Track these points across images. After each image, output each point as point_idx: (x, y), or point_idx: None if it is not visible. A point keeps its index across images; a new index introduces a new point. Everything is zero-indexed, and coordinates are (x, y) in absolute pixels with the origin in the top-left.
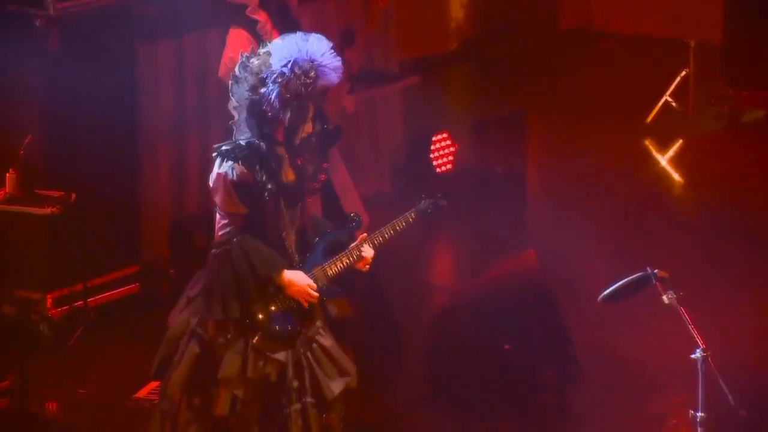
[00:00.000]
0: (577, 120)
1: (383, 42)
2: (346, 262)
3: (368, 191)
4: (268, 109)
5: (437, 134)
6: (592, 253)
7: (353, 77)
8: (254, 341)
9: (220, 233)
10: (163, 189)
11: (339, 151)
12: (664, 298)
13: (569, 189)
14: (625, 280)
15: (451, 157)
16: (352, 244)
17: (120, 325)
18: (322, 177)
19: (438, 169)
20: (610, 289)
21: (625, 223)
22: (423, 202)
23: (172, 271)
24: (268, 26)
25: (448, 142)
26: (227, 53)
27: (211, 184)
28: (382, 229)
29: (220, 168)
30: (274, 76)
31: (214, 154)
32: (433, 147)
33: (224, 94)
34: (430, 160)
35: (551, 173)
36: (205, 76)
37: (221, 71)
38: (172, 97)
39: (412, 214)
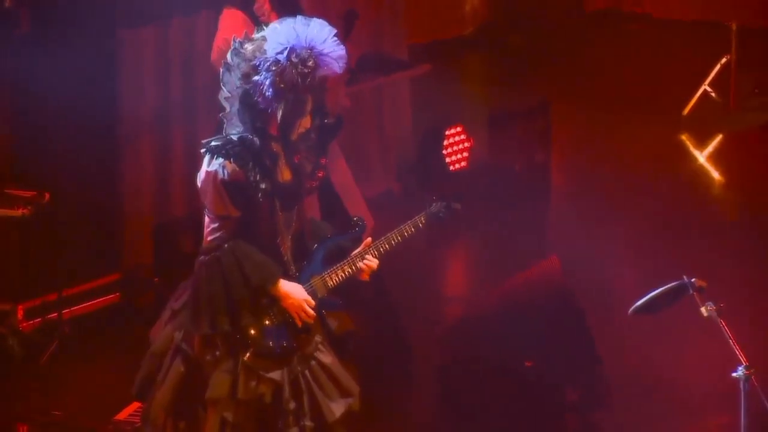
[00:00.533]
0: (605, 112)
1: (390, 26)
2: (348, 272)
3: (373, 191)
4: (261, 100)
5: (450, 128)
6: (622, 260)
7: (350, 68)
8: (245, 358)
9: (209, 238)
10: (147, 188)
11: (340, 147)
12: (703, 309)
13: (597, 189)
14: (659, 290)
15: (465, 154)
16: (355, 252)
17: (98, 339)
18: (320, 174)
19: (451, 167)
20: (643, 300)
21: (659, 227)
22: (434, 204)
23: (156, 279)
24: (266, 7)
25: (463, 136)
26: (220, 36)
27: (199, 183)
28: (389, 234)
29: (210, 166)
30: (268, 63)
31: (203, 151)
32: (445, 142)
33: (215, 83)
34: (443, 157)
35: (577, 171)
36: (193, 63)
37: (213, 55)
38: (157, 87)
39: (422, 218)
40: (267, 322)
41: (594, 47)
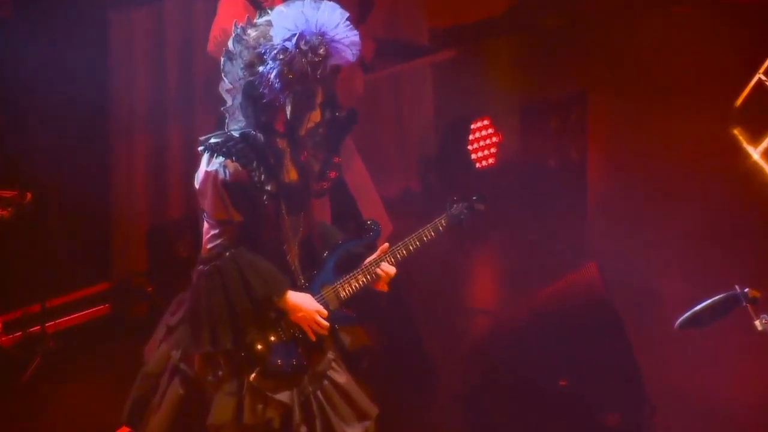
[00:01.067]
0: (648, 104)
1: (409, 7)
2: (363, 282)
3: (390, 192)
4: (267, 92)
5: (476, 121)
6: (667, 267)
7: (367, 54)
8: (251, 379)
9: (208, 246)
10: (140, 187)
11: (354, 143)
12: (757, 323)
13: (639, 189)
14: (708, 301)
15: (493, 150)
16: (370, 259)
17: (86, 355)
18: (332, 175)
19: (477, 165)
20: (690, 312)
21: (709, 231)
22: (455, 206)
23: (149, 289)
24: None
25: (490, 131)
26: (218, 23)
27: (197, 185)
28: (407, 239)
29: (209, 165)
30: (275, 52)
31: (201, 149)
32: (471, 137)
33: (215, 72)
34: (468, 153)
35: (617, 170)
36: (192, 49)
37: (210, 46)
38: (151, 76)
39: (443, 221)
40: (274, 338)
41: (637, 32)
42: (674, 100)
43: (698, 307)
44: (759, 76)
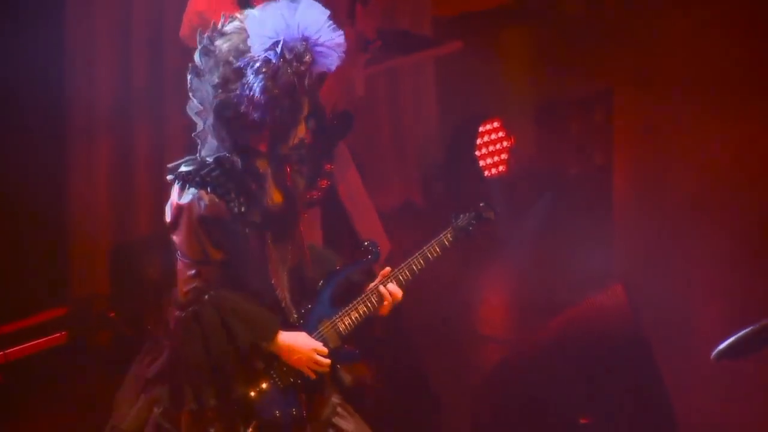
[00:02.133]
0: (682, 102)
1: None
2: (363, 311)
3: (390, 204)
4: (250, 111)
5: (485, 123)
6: (703, 290)
7: (367, 46)
8: None
9: (184, 289)
10: (101, 200)
11: (349, 150)
12: None
13: (671, 199)
14: (748, 329)
15: (504, 156)
16: (371, 286)
17: (41, 389)
18: (323, 184)
19: (487, 172)
20: (728, 341)
21: (749, 249)
22: (461, 216)
23: (112, 314)
24: None
25: (501, 134)
26: (192, 7)
27: (168, 218)
28: (410, 260)
29: (181, 198)
30: (257, 65)
31: (171, 177)
32: (479, 141)
33: (186, 62)
34: (476, 159)
35: (646, 177)
36: (163, 41)
37: (183, 30)
38: (115, 71)
39: (449, 236)
40: (268, 387)
41: (669, 19)
42: (713, 97)
43: (737, 336)
44: None
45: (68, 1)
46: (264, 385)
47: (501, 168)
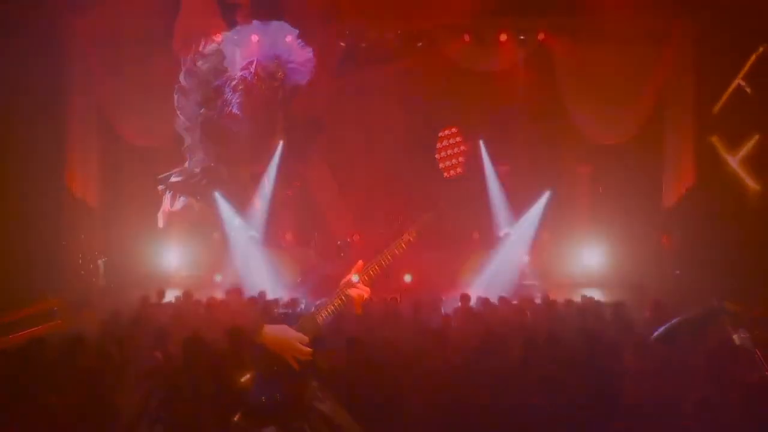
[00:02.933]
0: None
1: (377, 8)
2: (338, 304)
3: (357, 200)
4: (230, 124)
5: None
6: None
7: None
8: (235, 419)
9: None
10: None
11: (321, 155)
12: (735, 338)
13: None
14: (684, 315)
15: (461, 159)
16: (344, 280)
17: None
18: (296, 183)
19: (445, 174)
20: (666, 326)
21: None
22: (425, 216)
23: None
24: None
25: (458, 139)
26: (183, 20)
27: (160, 225)
28: (379, 257)
29: (173, 206)
30: (233, 83)
31: (161, 187)
32: (439, 145)
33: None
34: (436, 161)
35: None
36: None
37: (176, 44)
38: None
39: (412, 234)
40: (252, 375)
41: None
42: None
43: (674, 321)
44: (738, 81)
45: (63, 11)
46: (250, 374)
47: (458, 169)
